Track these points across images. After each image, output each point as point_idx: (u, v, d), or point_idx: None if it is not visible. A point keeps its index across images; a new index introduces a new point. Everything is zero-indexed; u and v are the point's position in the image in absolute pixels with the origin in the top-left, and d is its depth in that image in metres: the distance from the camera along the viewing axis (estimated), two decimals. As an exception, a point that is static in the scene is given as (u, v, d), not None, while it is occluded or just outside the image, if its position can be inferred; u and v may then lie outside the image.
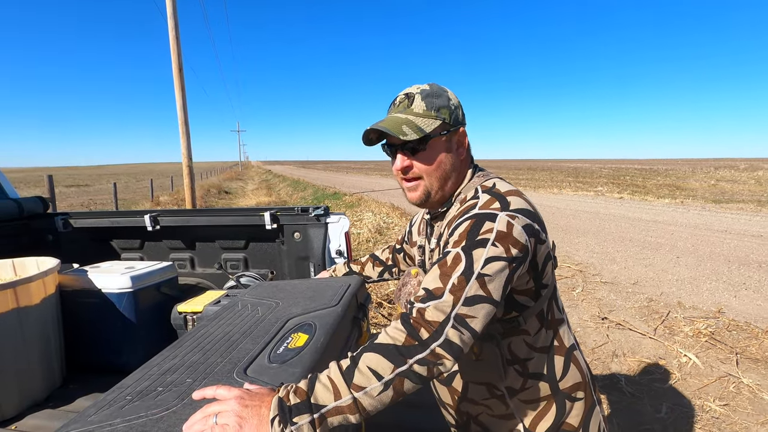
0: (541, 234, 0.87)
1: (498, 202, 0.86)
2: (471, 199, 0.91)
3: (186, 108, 10.03)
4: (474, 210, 0.85)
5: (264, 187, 23.37)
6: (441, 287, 0.77)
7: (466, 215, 0.85)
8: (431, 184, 0.96)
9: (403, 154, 0.96)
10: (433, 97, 0.94)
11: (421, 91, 0.95)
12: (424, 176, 0.95)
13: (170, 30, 9.76)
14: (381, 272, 1.46)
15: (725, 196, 13.31)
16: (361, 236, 7.41)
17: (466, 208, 0.89)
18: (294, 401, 0.67)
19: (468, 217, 0.84)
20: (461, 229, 0.83)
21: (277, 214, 1.98)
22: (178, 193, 16.24)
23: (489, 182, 0.96)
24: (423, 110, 0.93)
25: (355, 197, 13.97)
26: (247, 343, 1.02)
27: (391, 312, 3.91)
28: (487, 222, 0.81)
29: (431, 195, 0.97)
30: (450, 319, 0.74)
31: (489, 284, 0.76)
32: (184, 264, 2.24)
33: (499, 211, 0.83)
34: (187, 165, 10.17)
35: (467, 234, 0.81)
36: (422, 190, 0.97)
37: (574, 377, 0.96)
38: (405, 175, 0.97)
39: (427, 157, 0.94)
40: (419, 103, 0.94)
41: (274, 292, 1.40)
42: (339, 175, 34.44)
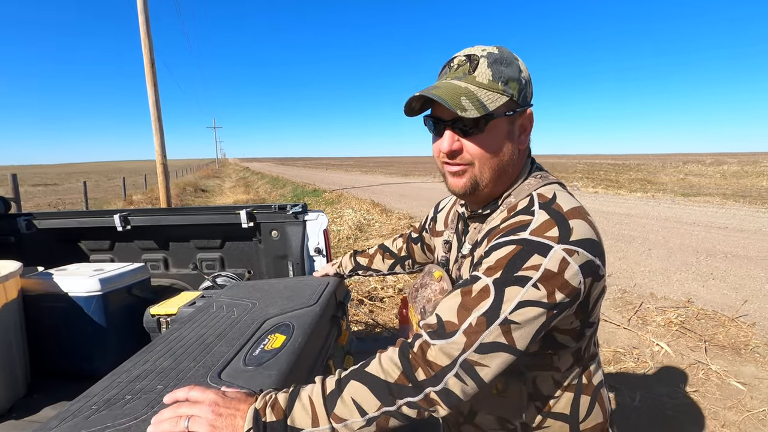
0: (601, 269, 0.70)
1: (557, 228, 0.67)
2: (522, 212, 0.74)
3: (159, 104, 9.74)
4: (524, 233, 0.68)
5: (242, 185, 22.97)
6: (455, 323, 0.65)
7: (512, 237, 0.68)
8: (482, 175, 0.77)
9: (453, 133, 0.76)
10: (502, 65, 0.74)
11: (487, 54, 0.75)
12: (476, 163, 0.76)
13: (141, 24, 9.46)
14: (392, 265, 1.31)
15: (693, 189, 13.82)
16: (341, 233, 7.37)
17: (514, 224, 0.71)
18: (270, 418, 0.62)
19: (513, 241, 0.67)
20: (501, 253, 0.67)
21: (253, 212, 1.93)
22: (152, 191, 15.78)
23: (548, 190, 0.77)
24: (488, 80, 0.73)
25: (335, 194, 13.89)
26: (222, 345, 0.99)
27: (372, 309, 3.90)
28: (535, 255, 0.65)
29: (479, 187, 0.78)
30: (455, 365, 0.63)
31: (514, 332, 0.63)
32: (157, 265, 2.17)
33: (556, 243, 0.65)
34: (161, 163, 9.90)
35: (506, 263, 0.65)
36: (469, 178, 0.78)
37: (596, 418, 0.83)
38: (452, 159, 0.77)
39: (484, 141, 0.75)
40: (484, 71, 0.74)
41: (251, 293, 1.37)
42: (318, 172, 34.17)
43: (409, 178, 23.53)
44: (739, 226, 7.21)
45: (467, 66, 0.75)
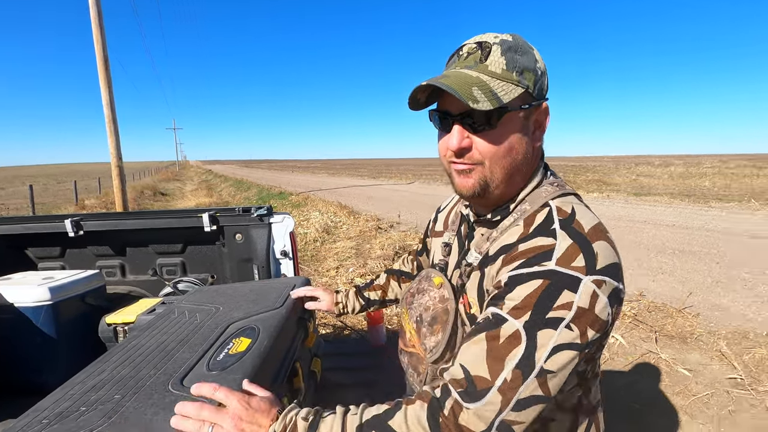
0: (623, 293, 0.65)
1: (582, 255, 0.61)
2: (542, 233, 0.66)
3: (113, 104, 9.30)
4: (549, 264, 0.61)
5: (204, 188, 22.24)
6: (487, 379, 0.58)
7: (537, 268, 0.61)
8: (493, 174, 0.69)
9: (462, 128, 0.68)
10: (516, 53, 0.67)
11: (500, 41, 0.68)
12: (487, 162, 0.69)
13: (93, 18, 8.99)
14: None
15: (644, 189, 14.64)
16: (308, 236, 7.29)
17: (536, 250, 0.64)
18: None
19: (539, 274, 0.61)
20: (527, 289, 0.60)
21: (216, 215, 1.89)
22: (107, 195, 15.01)
23: (566, 203, 0.71)
24: (502, 69, 0.66)
25: (301, 196, 13.72)
26: (184, 351, 0.96)
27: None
28: (565, 292, 0.59)
29: (489, 188, 0.71)
30: (491, 429, 0.58)
31: (550, 381, 0.58)
32: (113, 272, 2.08)
33: (584, 275, 0.60)
34: (117, 165, 9.44)
35: (535, 303, 0.59)
36: (478, 178, 0.70)
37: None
38: (460, 157, 0.70)
39: (497, 137, 0.67)
40: (498, 59, 0.67)
41: (215, 297, 1.34)
42: (284, 174, 33.62)
43: (379, 180, 23.58)
44: (685, 224, 7.71)
45: (478, 54, 0.68)
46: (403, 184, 20.07)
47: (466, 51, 0.70)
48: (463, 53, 0.71)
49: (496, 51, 0.67)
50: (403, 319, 0.93)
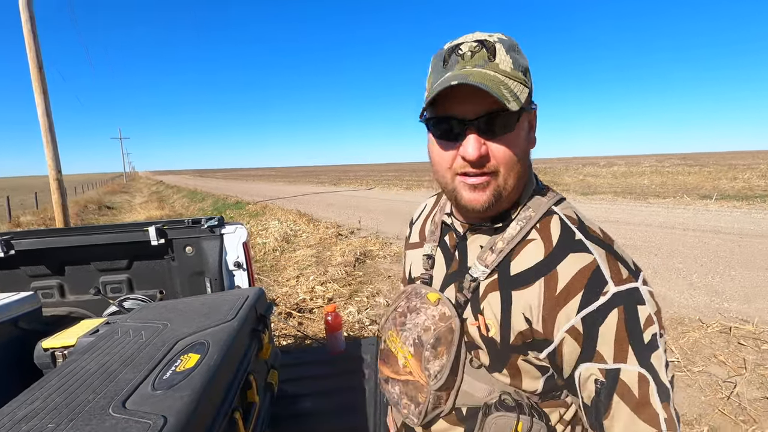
0: None
1: (620, 263, 0.61)
2: (571, 247, 0.63)
3: (50, 113, 8.65)
4: (609, 287, 0.58)
5: (155, 200, 21.20)
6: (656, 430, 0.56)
7: (603, 299, 0.58)
8: (506, 184, 0.64)
9: (478, 135, 0.61)
10: (516, 52, 0.64)
11: (499, 40, 0.63)
12: (502, 170, 0.63)
13: (24, 23, 8.37)
14: None
15: (591, 189, 15.51)
16: (267, 246, 7.14)
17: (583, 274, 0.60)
18: None
19: (610, 305, 0.58)
20: (611, 328, 0.57)
21: (164, 228, 1.82)
22: (45, 211, 13.95)
23: (567, 209, 0.70)
24: (510, 68, 0.62)
25: (259, 205, 13.40)
26: (128, 372, 0.92)
27: (302, 321, 3.83)
28: (639, 308, 0.58)
29: (501, 199, 0.66)
30: None
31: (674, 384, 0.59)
32: (50, 293, 1.94)
33: (635, 282, 0.59)
34: (56, 178, 8.77)
35: (629, 336, 0.57)
36: (493, 190, 0.64)
37: None
38: (479, 167, 0.63)
39: (513, 141, 0.63)
40: (504, 57, 0.62)
41: (163, 313, 1.29)
42: (241, 183, 32.71)
43: (338, 186, 23.48)
44: (627, 220, 8.24)
45: (484, 52, 0.62)
46: (363, 189, 20.10)
47: (468, 50, 0.63)
48: (465, 52, 0.63)
49: (501, 49, 0.62)
50: (391, 343, 0.80)
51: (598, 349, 0.58)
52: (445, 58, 0.65)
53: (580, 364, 0.60)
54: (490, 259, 0.69)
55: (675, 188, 14.16)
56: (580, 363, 0.60)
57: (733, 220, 7.64)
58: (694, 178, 18.06)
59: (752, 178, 16.10)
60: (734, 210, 8.85)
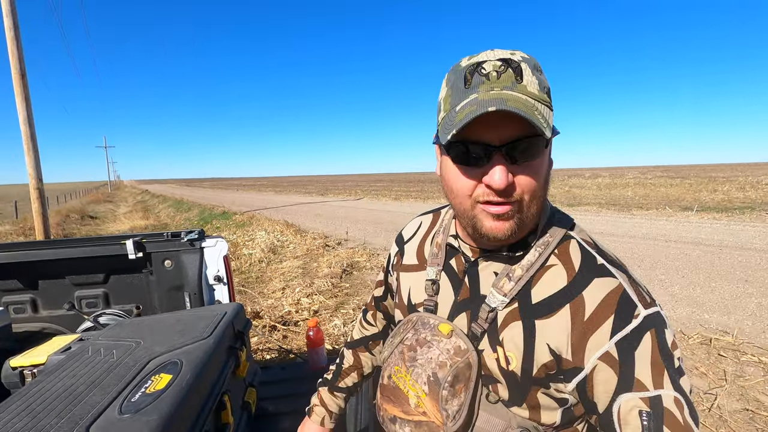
0: None
1: (640, 287, 0.60)
2: (594, 271, 0.62)
3: (32, 120, 8.52)
4: (639, 310, 0.57)
5: (140, 210, 20.87)
6: None
7: (635, 322, 0.57)
8: (529, 212, 0.61)
9: (506, 161, 0.58)
10: (540, 73, 0.60)
11: (523, 58, 0.59)
12: (527, 198, 0.60)
13: (7, 30, 8.27)
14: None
15: (576, 200, 15.75)
16: (254, 257, 7.06)
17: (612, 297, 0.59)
18: None
19: (642, 329, 0.56)
20: (646, 352, 0.55)
21: (142, 241, 1.78)
22: (25, 221, 13.61)
23: (582, 233, 0.69)
24: (537, 90, 0.57)
25: (246, 216, 13.27)
26: (95, 394, 0.89)
27: (286, 335, 3.77)
28: (666, 331, 0.57)
29: (525, 225, 0.63)
30: None
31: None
32: (23, 308, 1.88)
33: (656, 306, 0.59)
34: (37, 187, 8.60)
35: (663, 359, 0.55)
36: (516, 220, 0.61)
37: None
38: (504, 196, 0.59)
39: (538, 169, 0.60)
40: (531, 78, 0.58)
41: (137, 331, 1.25)
42: (229, 193, 32.42)
43: (327, 197, 23.43)
44: (611, 231, 8.37)
45: (511, 73, 0.57)
46: (351, 200, 20.09)
47: (492, 69, 0.58)
48: (489, 72, 0.58)
49: (526, 69, 0.58)
50: (399, 380, 0.74)
51: (637, 377, 0.55)
52: (466, 77, 0.59)
53: (618, 396, 0.55)
54: (508, 287, 0.65)
55: (658, 200, 14.47)
56: (618, 394, 0.55)
57: (713, 232, 7.81)
58: (676, 190, 18.48)
59: (731, 191, 16.54)
60: (714, 222, 9.06)
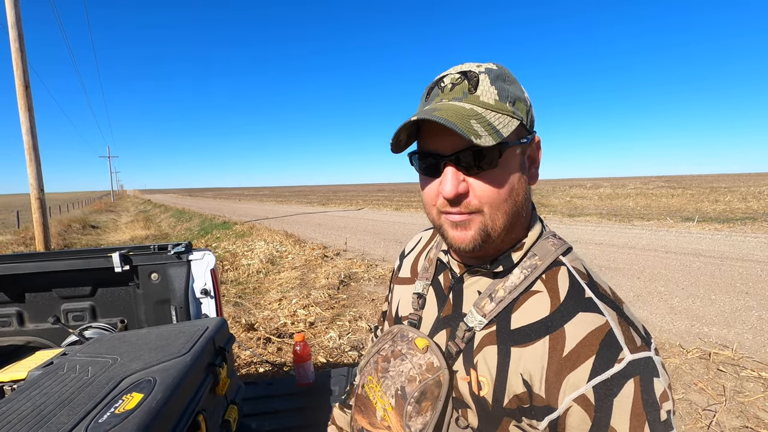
0: None
1: (631, 328, 0.56)
2: (580, 305, 0.58)
3: (35, 131, 8.60)
4: (624, 353, 0.53)
5: (141, 219, 20.92)
6: None
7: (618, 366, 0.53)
8: (494, 223, 0.60)
9: (457, 170, 0.58)
10: (505, 82, 0.60)
11: (486, 70, 0.60)
12: (487, 209, 0.59)
13: (12, 41, 8.39)
14: None
15: (577, 210, 15.71)
16: (252, 267, 7.04)
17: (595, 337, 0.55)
18: None
19: (626, 374, 0.52)
20: (627, 400, 0.51)
21: (129, 254, 1.77)
22: (26, 230, 13.65)
23: (575, 261, 0.65)
24: (494, 100, 0.58)
25: (246, 226, 13.28)
26: (63, 415, 0.87)
27: (281, 347, 3.73)
28: (655, 380, 0.52)
29: (491, 238, 0.61)
30: None
31: None
32: (8, 321, 1.87)
33: (649, 351, 0.54)
34: (38, 197, 8.65)
35: (646, 410, 0.51)
36: (478, 229, 0.60)
37: None
38: (455, 205, 0.59)
39: (498, 178, 0.59)
40: (488, 89, 0.59)
41: (116, 346, 1.24)
42: (230, 203, 32.51)
43: (327, 207, 23.45)
44: (611, 242, 8.32)
45: (465, 84, 0.59)
46: (352, 210, 20.10)
47: (449, 82, 0.61)
48: (446, 85, 0.61)
49: (485, 80, 0.59)
50: (370, 390, 0.72)
51: (612, 425, 0.51)
52: (428, 90, 0.64)
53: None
54: (489, 308, 0.64)
55: (659, 210, 14.42)
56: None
57: (714, 243, 7.76)
58: (678, 200, 18.43)
59: (733, 201, 16.48)
60: (715, 233, 9.00)
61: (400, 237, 9.85)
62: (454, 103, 0.58)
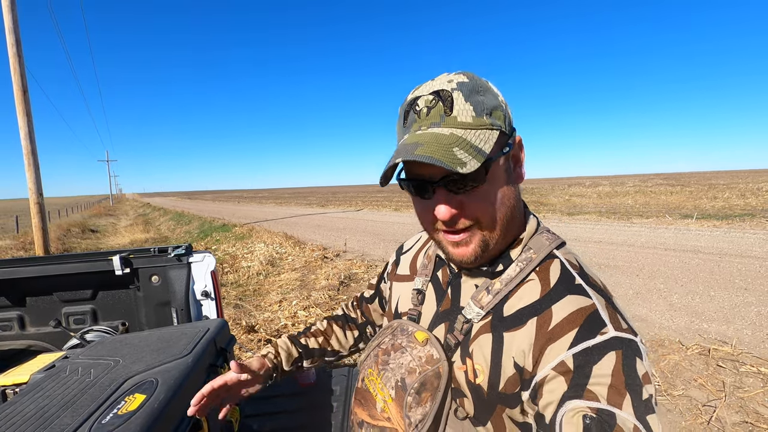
0: None
1: (618, 314, 0.57)
2: (569, 289, 0.60)
3: (33, 136, 8.61)
4: (607, 330, 0.54)
5: (141, 223, 20.93)
6: None
7: (600, 338, 0.53)
8: (491, 233, 0.62)
9: (448, 192, 0.60)
10: (479, 94, 0.60)
11: (458, 85, 0.60)
12: (483, 221, 0.61)
13: (10, 47, 8.40)
14: (357, 337, 1.01)
15: (576, 209, 15.73)
16: (252, 269, 7.04)
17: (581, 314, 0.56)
18: None
19: (608, 346, 0.53)
20: (606, 368, 0.51)
21: (129, 257, 1.78)
22: (26, 235, 13.64)
23: (569, 254, 0.67)
24: (472, 117, 0.58)
25: (246, 228, 13.28)
26: (67, 416, 0.88)
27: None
28: (637, 360, 0.52)
29: (489, 247, 0.63)
30: None
31: None
32: (9, 325, 1.87)
33: (633, 335, 0.55)
34: (37, 202, 8.66)
35: (626, 383, 0.50)
36: (478, 242, 0.62)
37: None
38: (452, 225, 0.61)
39: (487, 192, 0.60)
40: (464, 107, 0.58)
41: (117, 349, 1.25)
42: (229, 206, 32.52)
43: (327, 208, 23.45)
44: (610, 240, 8.34)
45: (440, 106, 0.59)
46: (351, 211, 20.11)
47: (423, 105, 0.60)
48: (421, 109, 0.60)
49: (459, 98, 0.59)
50: (370, 383, 0.74)
51: (589, 388, 0.50)
52: (404, 114, 0.63)
53: (565, 402, 0.51)
54: (486, 300, 0.65)
55: (657, 208, 14.45)
56: (565, 401, 0.51)
57: (713, 240, 7.78)
58: (676, 197, 18.46)
59: (731, 198, 16.52)
60: (714, 229, 9.02)
61: (399, 237, 9.85)
62: (433, 130, 0.59)
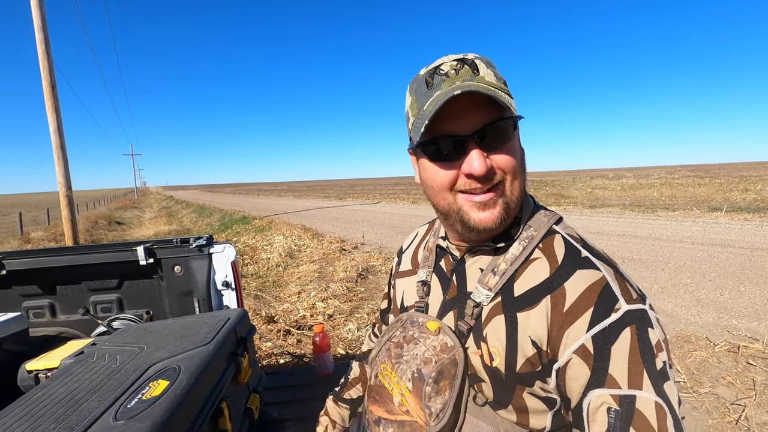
0: None
1: (627, 283, 0.58)
2: (576, 263, 0.61)
3: (62, 130, 8.90)
4: (620, 304, 0.55)
5: (164, 215, 21.45)
6: None
7: (614, 316, 0.54)
8: (512, 195, 0.62)
9: (480, 149, 0.59)
10: (494, 68, 0.63)
11: (477, 57, 0.63)
12: (508, 180, 0.61)
13: (39, 44, 8.67)
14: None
15: (598, 201, 15.36)
16: (272, 261, 7.14)
17: (593, 290, 0.57)
18: None
19: (622, 323, 0.54)
20: (624, 348, 0.53)
21: (153, 247, 1.82)
22: (56, 226, 14.18)
23: (568, 228, 0.68)
24: (495, 81, 0.61)
25: (265, 220, 13.47)
26: (94, 400, 0.91)
27: (300, 339, 3.79)
28: (650, 331, 0.54)
29: (510, 211, 0.63)
30: None
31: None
32: (42, 312, 1.95)
33: (643, 304, 0.56)
34: (66, 195, 8.98)
35: (643, 359, 0.52)
36: (502, 205, 0.62)
37: None
38: (486, 182, 0.60)
39: (513, 149, 0.61)
40: (487, 71, 0.61)
41: (142, 336, 1.28)
42: (249, 198, 33.01)
43: (345, 201, 23.56)
44: (634, 233, 8.11)
45: (467, 68, 0.61)
46: (369, 203, 20.14)
47: (450, 68, 0.61)
48: (448, 71, 0.61)
49: (481, 64, 0.62)
50: (385, 378, 0.73)
51: (610, 372, 0.52)
52: (427, 80, 0.63)
53: (589, 391, 0.53)
54: (493, 281, 0.65)
55: (684, 200, 13.97)
56: (589, 389, 0.53)
57: (744, 233, 7.48)
58: (705, 190, 17.81)
59: (764, 190, 15.83)
60: (745, 223, 8.67)
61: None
62: (470, 82, 0.59)
